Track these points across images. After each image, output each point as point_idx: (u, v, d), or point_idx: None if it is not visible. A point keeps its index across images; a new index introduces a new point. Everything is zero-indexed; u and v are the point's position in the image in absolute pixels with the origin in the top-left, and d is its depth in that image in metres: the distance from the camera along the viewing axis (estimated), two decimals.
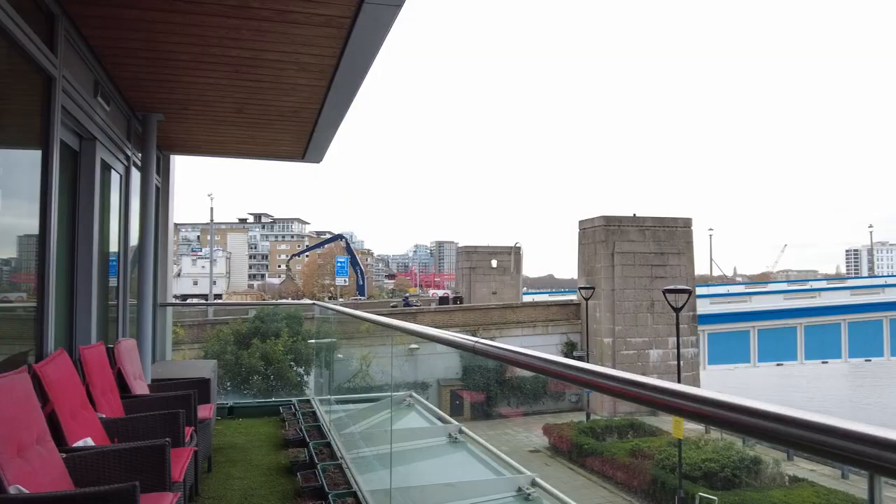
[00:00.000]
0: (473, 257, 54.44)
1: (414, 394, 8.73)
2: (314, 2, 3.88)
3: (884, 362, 41.62)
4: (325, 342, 10.18)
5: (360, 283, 53.39)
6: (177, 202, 9.30)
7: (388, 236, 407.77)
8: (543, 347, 34.72)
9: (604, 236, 34.10)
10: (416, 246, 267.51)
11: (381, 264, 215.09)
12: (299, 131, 7.04)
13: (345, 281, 38.30)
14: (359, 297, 57.07)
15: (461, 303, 47.29)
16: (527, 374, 33.53)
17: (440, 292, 66.47)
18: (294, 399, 9.35)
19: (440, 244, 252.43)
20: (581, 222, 36.60)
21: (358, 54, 4.57)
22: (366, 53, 4.58)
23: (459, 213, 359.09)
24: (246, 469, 6.27)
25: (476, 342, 2.08)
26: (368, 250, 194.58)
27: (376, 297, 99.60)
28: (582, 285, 34.91)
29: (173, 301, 10.43)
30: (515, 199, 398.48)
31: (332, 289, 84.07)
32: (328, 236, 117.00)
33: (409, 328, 3.74)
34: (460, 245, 71.12)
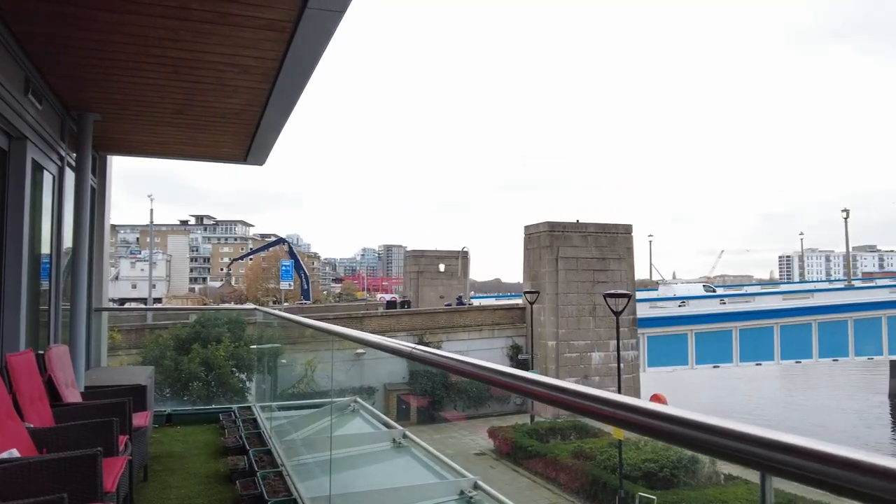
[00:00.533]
0: (421, 261, 54.53)
1: (358, 399, 8.70)
2: (255, 5, 3.86)
3: (813, 364, 43.53)
4: (269, 348, 10.05)
5: (305, 287, 52.80)
6: (116, 203, 9.05)
7: (335, 240, 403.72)
8: (489, 351, 35.11)
9: (548, 242, 34.66)
10: (364, 249, 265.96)
11: (328, 268, 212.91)
12: (241, 133, 6.95)
13: (289, 285, 37.82)
14: (304, 302, 56.36)
15: (409, 307, 47.27)
16: None
17: (387, 296, 66.30)
18: (234, 406, 9.19)
19: (388, 248, 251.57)
20: (526, 227, 37.10)
21: (301, 58, 4.56)
22: (309, 58, 4.57)
23: (408, 218, 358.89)
24: (184, 478, 6.14)
25: (413, 348, 2.12)
26: (315, 254, 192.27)
27: (323, 302, 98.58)
28: (527, 290, 35.38)
29: (110, 305, 10.12)
30: (464, 203, 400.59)
31: (276, 293, 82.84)
32: (273, 239, 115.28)
33: (346, 334, 3.75)
34: (408, 249, 71.13)
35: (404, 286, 59.90)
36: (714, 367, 39.14)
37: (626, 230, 36.30)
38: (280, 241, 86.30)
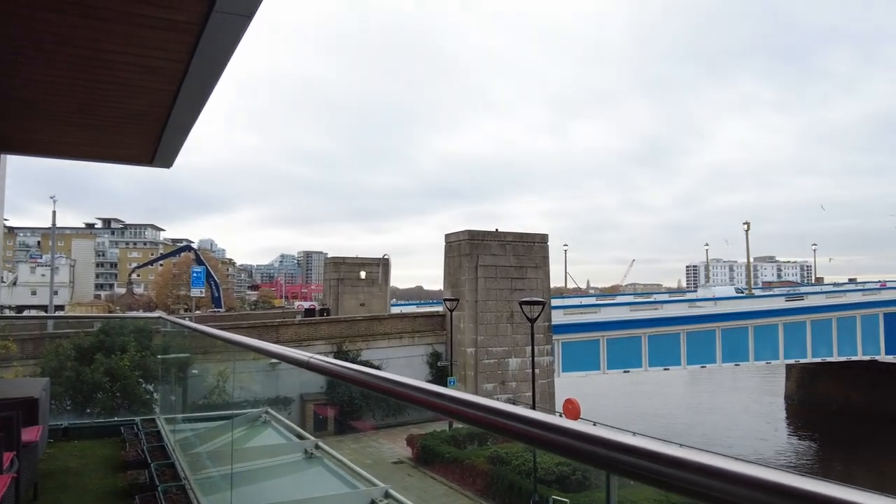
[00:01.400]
0: (342, 268, 53.96)
1: (270, 410, 8.52)
2: (159, 6, 3.76)
3: (716, 368, 45.86)
4: (177, 357, 9.70)
5: (216, 295, 51.08)
6: (16, 205, 8.52)
7: (252, 245, 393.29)
8: (409, 359, 35.12)
9: (468, 250, 35.08)
10: (282, 256, 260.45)
11: (243, 274, 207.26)
12: (147, 135, 6.71)
13: (201, 292, 36.55)
14: (217, 310, 54.52)
15: (328, 315, 46.65)
16: None
17: (306, 304, 65.09)
18: (137, 419, 8.81)
19: (308, 255, 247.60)
20: (447, 236, 37.42)
21: (208, 61, 4.47)
22: (217, 60, 4.48)
23: (329, 224, 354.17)
24: (79, 495, 5.84)
25: (310, 358, 2.12)
26: (230, 260, 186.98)
27: (237, 310, 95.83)
28: (447, 297, 35.64)
29: (5, 313, 9.50)
30: (386, 210, 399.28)
31: (188, 300, 79.88)
32: (184, 244, 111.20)
33: (245, 343, 3.68)
34: (329, 256, 70.24)
35: (324, 294, 59.07)
36: (625, 371, 40.54)
37: (543, 240, 37.25)
38: (186, 247, 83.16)
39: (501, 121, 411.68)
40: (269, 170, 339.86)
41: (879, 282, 76.88)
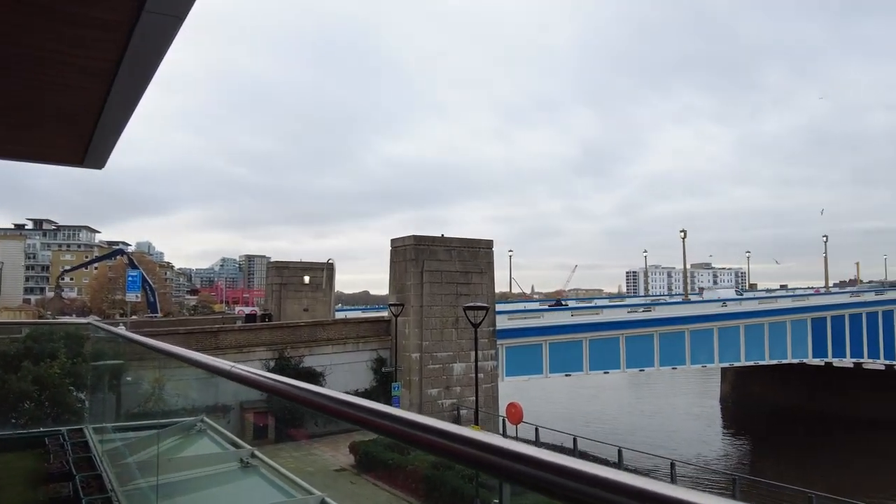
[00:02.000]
0: (285, 273, 53.11)
1: (206, 418, 8.31)
2: (89, 3, 3.66)
3: (654, 372, 47.09)
4: (109, 364, 9.37)
5: (151, 300, 49.66)
6: None
7: (192, 249, 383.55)
8: (353, 364, 34.82)
9: (414, 255, 35.08)
10: (223, 260, 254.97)
11: (182, 279, 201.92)
12: (77, 135, 6.47)
13: (137, 297, 35.35)
14: (153, 315, 52.96)
15: (270, 320, 45.83)
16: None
17: (247, 309, 63.82)
18: (63, 429, 8.47)
19: (250, 259, 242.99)
20: (393, 241, 37.32)
21: (139, 61, 4.36)
22: (148, 61, 4.38)
23: (272, 227, 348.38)
24: None
25: (232, 367, 2.09)
26: (168, 263, 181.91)
27: (176, 315, 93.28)
28: (392, 302, 35.53)
29: None
30: (331, 213, 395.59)
31: (124, 305, 77.18)
32: (119, 247, 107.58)
33: (166, 350, 3.60)
34: (271, 260, 69.04)
35: (266, 299, 58.04)
36: (566, 375, 41.21)
37: (488, 245, 37.58)
38: (118, 251, 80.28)
39: (447, 125, 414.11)
40: (209, 171, 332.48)
41: (813, 288, 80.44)
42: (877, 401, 52.50)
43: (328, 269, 50.66)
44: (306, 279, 51.50)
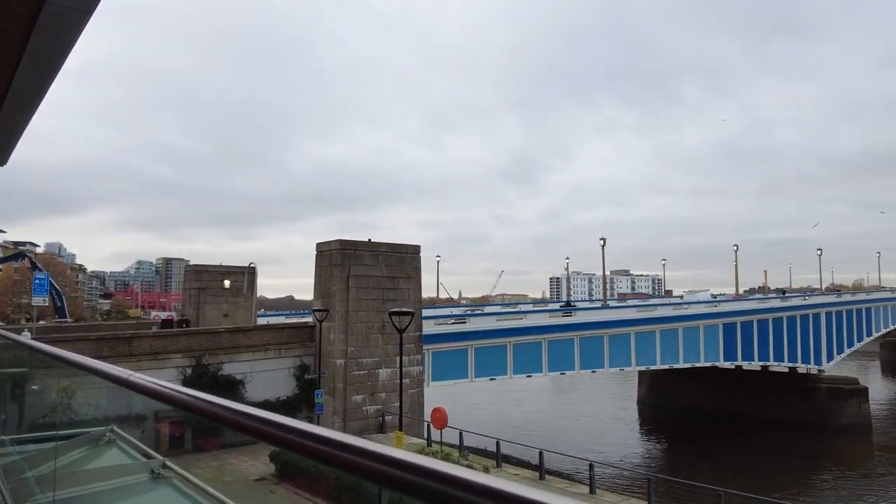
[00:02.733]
0: (204, 277, 51.53)
1: (116, 428, 7.94)
2: None
3: (575, 375, 48.27)
4: (9, 373, 8.80)
5: (59, 304, 47.04)
6: None
7: (106, 250, 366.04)
8: (275, 371, 34.06)
9: (340, 260, 34.66)
10: (139, 262, 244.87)
11: (95, 282, 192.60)
12: None
13: (44, 301, 33.33)
14: (63, 320, 50.16)
15: (187, 326, 44.30)
16: (254, 400, 32.45)
17: (164, 314, 61.37)
18: None
19: (168, 261, 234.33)
20: (318, 245, 36.79)
21: (42, 56, 4.15)
22: (52, 56, 4.17)
23: (192, 229, 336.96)
24: None
25: (130, 375, 2.01)
26: (80, 265, 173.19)
27: (87, 320, 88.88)
28: (317, 307, 34.99)
29: None
30: (255, 216, 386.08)
31: (30, 309, 72.73)
32: (25, 248, 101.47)
33: (56, 354, 3.42)
34: (190, 263, 66.71)
35: (184, 304, 56.06)
36: (491, 379, 41.67)
37: (415, 251, 37.57)
38: (19, 254, 75.47)
39: (377, 129, 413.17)
40: (126, 168, 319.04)
41: (731, 294, 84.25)
42: (781, 402, 55.65)
43: (249, 273, 49.41)
44: (227, 283, 50.09)
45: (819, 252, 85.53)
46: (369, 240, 36.43)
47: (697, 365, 51.80)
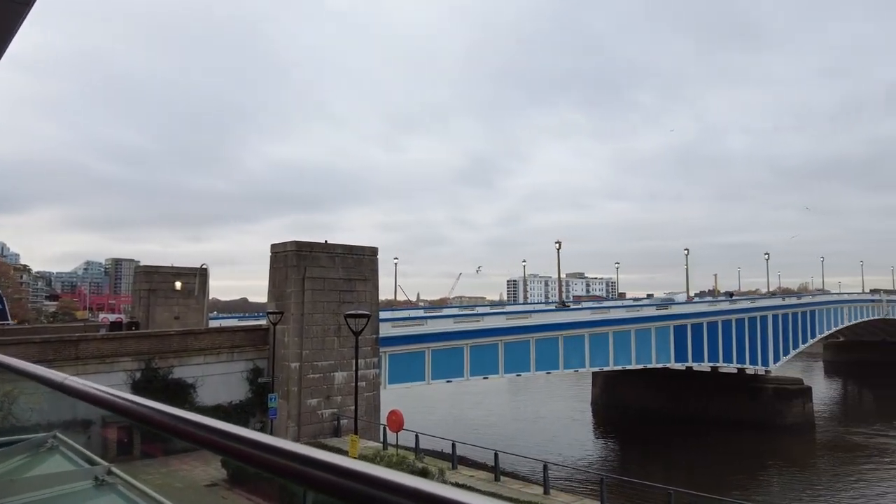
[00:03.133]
0: (155, 278, 50.36)
1: (59, 434, 7.67)
2: None
3: (530, 376, 48.73)
4: None
5: (0, 306, 45.39)
6: None
7: (52, 250, 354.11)
8: (227, 375, 33.42)
9: (295, 261, 34.23)
10: (87, 263, 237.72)
11: (41, 283, 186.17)
12: None
13: None
14: (5, 323, 48.37)
15: (137, 328, 43.20)
16: (206, 404, 31.79)
17: (112, 316, 59.67)
18: None
19: (117, 262, 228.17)
20: (273, 246, 36.26)
21: None
22: None
23: (143, 229, 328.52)
24: None
25: (65, 379, 1.94)
26: (24, 266, 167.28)
27: (32, 322, 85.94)
28: (271, 310, 34.47)
29: None
30: (209, 216, 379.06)
31: None
32: None
33: None
34: (140, 264, 65.10)
35: (134, 306, 54.66)
36: (448, 381, 41.75)
37: (372, 253, 37.33)
38: None
39: (335, 129, 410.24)
40: (74, 166, 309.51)
41: (687, 297, 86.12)
42: (730, 402, 57.20)
43: (201, 274, 48.43)
44: (178, 285, 49.02)
45: (767, 256, 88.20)
46: (326, 241, 36.07)
47: (650, 366, 52.85)
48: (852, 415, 69.01)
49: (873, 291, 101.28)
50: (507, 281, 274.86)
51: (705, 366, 57.93)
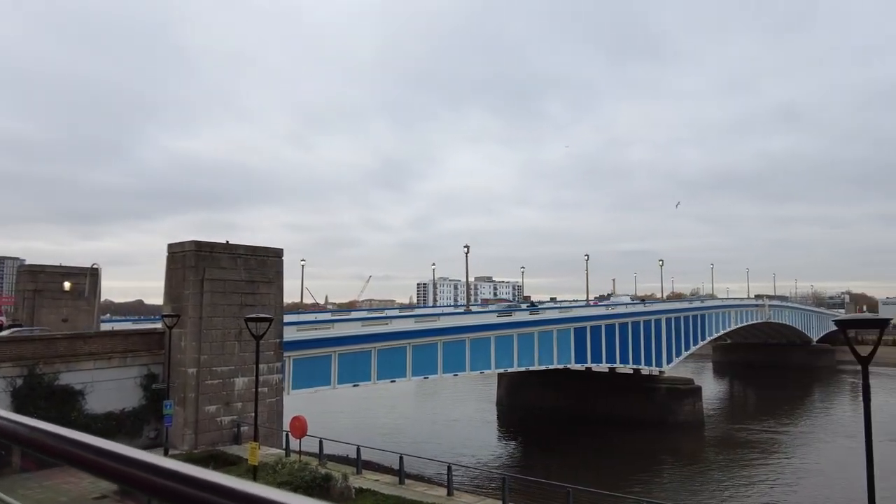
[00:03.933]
0: (40, 278, 47.21)
1: None
2: None
3: (437, 379, 49.08)
4: None
5: None
6: None
7: None
8: (120, 381, 31.76)
9: (194, 262, 32.92)
10: None
11: None
12: None
13: None
14: None
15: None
16: (96, 412, 30.06)
17: None
18: None
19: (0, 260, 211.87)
20: (170, 246, 34.73)
21: None
22: None
23: (28, 225, 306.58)
24: None
25: None
26: None
27: None
28: (167, 312, 32.99)
29: None
30: (102, 212, 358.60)
31: None
32: None
33: None
34: (25, 263, 60.95)
35: (16, 307, 51.01)
36: (354, 385, 41.38)
37: (277, 254, 36.44)
38: None
39: (244, 125, 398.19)
40: None
41: (592, 299, 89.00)
42: (627, 401, 59.85)
43: (92, 274, 45.73)
44: (66, 285, 46.13)
45: (661, 263, 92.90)
46: (227, 241, 34.92)
47: (551, 367, 54.48)
48: (738, 412, 73.89)
49: (757, 297, 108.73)
50: (418, 284, 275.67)
51: (603, 367, 60.32)
